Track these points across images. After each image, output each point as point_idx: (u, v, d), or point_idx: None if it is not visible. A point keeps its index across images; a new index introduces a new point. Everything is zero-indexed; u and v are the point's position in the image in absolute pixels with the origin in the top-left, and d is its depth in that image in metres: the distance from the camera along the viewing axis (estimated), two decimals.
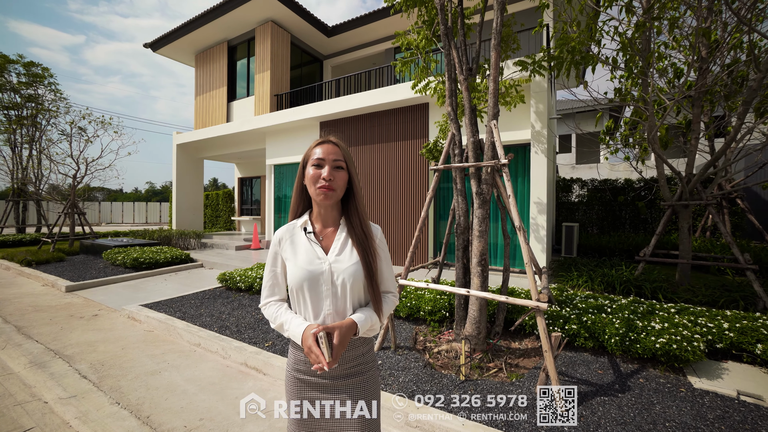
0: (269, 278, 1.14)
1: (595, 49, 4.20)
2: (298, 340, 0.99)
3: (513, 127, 5.69)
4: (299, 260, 1.07)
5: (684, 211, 4.35)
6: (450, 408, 2.15)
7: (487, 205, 2.85)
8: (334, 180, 1.04)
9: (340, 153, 1.07)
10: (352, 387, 1.08)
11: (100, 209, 23.48)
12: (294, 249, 1.10)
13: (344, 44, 10.40)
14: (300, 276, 1.04)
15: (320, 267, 1.05)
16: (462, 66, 3.10)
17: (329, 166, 1.04)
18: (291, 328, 1.02)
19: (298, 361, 1.08)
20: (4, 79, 11.54)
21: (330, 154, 1.05)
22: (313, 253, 1.07)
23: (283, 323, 1.06)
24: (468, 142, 3.02)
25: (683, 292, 4.00)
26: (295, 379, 1.09)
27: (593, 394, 2.29)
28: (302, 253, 1.08)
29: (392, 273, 1.19)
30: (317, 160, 1.05)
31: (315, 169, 1.05)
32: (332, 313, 1.05)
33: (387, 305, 1.13)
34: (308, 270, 1.04)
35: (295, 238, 1.11)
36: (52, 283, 5.75)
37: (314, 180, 1.05)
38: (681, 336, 2.50)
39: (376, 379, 1.14)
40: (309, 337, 0.94)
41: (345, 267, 1.05)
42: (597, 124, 5.12)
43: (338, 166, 1.06)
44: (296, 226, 1.13)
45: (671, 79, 4.87)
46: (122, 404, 2.34)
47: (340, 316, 1.05)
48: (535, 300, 2.34)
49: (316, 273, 1.04)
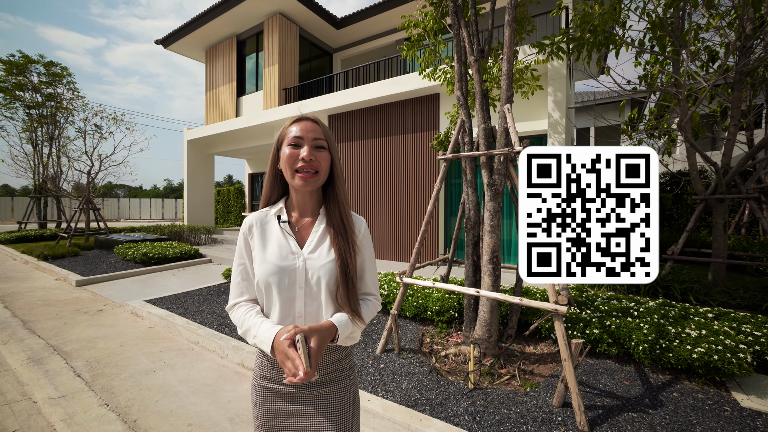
0: (238, 273, 0.97)
1: (619, 32, 3.85)
2: (267, 348, 0.81)
3: (529, 117, 5.37)
4: (269, 253, 0.92)
5: (719, 206, 3.96)
6: (455, 421, 1.94)
7: (499, 198, 2.61)
8: (316, 161, 0.90)
9: (320, 131, 0.92)
10: (325, 398, 0.93)
11: (119, 206, 24.15)
12: (264, 239, 0.95)
13: (354, 36, 10.18)
14: (268, 272, 0.89)
15: (293, 263, 0.91)
16: (473, 47, 2.85)
17: (309, 145, 0.90)
18: (259, 333, 0.85)
19: (264, 366, 0.94)
20: (26, 79, 11.88)
21: (309, 132, 0.91)
22: (287, 246, 0.93)
23: (250, 328, 0.88)
24: (479, 129, 2.77)
25: (718, 295, 3.64)
26: (262, 388, 0.95)
27: (620, 409, 2.04)
28: (273, 246, 0.93)
29: (375, 273, 1.04)
30: (294, 138, 0.90)
31: (292, 149, 0.90)
32: (304, 316, 0.91)
33: (367, 309, 0.97)
34: (279, 266, 0.90)
35: (267, 227, 0.96)
36: (64, 278, 5.81)
37: (291, 162, 0.90)
38: (723, 345, 2.20)
39: (354, 390, 1.00)
40: (283, 342, 0.77)
41: (321, 264, 0.91)
42: (621, 113, 4.75)
43: (319, 146, 0.91)
44: (269, 213, 0.98)
45: (704, 63, 4.46)
46: (111, 406, 2.23)
47: (313, 319, 0.91)
48: (553, 302, 2.10)
49: (288, 269, 0.90)
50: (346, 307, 0.90)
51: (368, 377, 2.46)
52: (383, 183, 7.07)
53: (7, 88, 11.64)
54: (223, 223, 15.81)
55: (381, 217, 7.12)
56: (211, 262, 7.26)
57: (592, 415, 1.98)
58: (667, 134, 5.18)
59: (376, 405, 2.10)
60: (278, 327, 0.83)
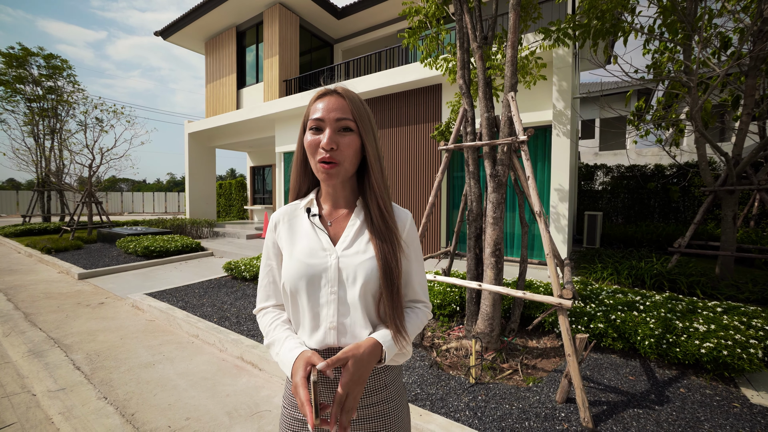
0: (265, 275, 0.85)
1: (628, 18, 3.71)
2: (287, 371, 0.69)
3: (533, 108, 5.25)
4: (297, 250, 0.79)
5: (729, 198, 3.86)
6: (456, 417, 1.91)
7: (502, 189, 2.54)
8: (338, 149, 0.74)
9: (347, 108, 0.75)
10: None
11: (122, 199, 24.26)
12: (292, 235, 0.82)
13: (355, 26, 10.00)
14: (296, 272, 0.76)
15: (324, 261, 0.77)
16: (476, 33, 2.75)
17: (331, 128, 0.74)
18: (282, 353, 0.72)
19: None
20: (26, 72, 11.82)
21: (332, 112, 0.74)
22: (317, 241, 0.79)
23: (274, 342, 0.76)
24: (482, 118, 2.69)
25: (726, 288, 3.57)
26: (292, 419, 0.79)
27: (625, 405, 1.99)
28: (302, 242, 0.80)
29: (424, 276, 0.87)
30: (315, 121, 0.75)
31: (313, 134, 0.75)
32: (336, 326, 0.76)
33: (415, 321, 0.81)
34: (308, 264, 0.76)
35: (296, 221, 0.84)
36: (67, 271, 5.83)
37: (312, 150, 0.76)
38: (733, 340, 2.14)
39: (405, 422, 0.83)
40: (298, 372, 0.65)
41: (359, 262, 0.76)
42: (627, 104, 4.62)
43: (345, 127, 0.75)
44: (298, 207, 0.86)
45: (716, 50, 4.30)
46: (109, 399, 2.22)
47: (348, 331, 0.76)
48: (557, 296, 2.04)
49: (319, 268, 0.76)
50: (390, 320, 0.74)
51: None
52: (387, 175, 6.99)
53: (8, 80, 11.61)
54: (225, 216, 15.83)
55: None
56: (212, 256, 7.26)
57: (596, 411, 1.94)
58: (675, 124, 5.05)
59: None
60: (301, 349, 0.71)
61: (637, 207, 8.21)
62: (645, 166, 8.15)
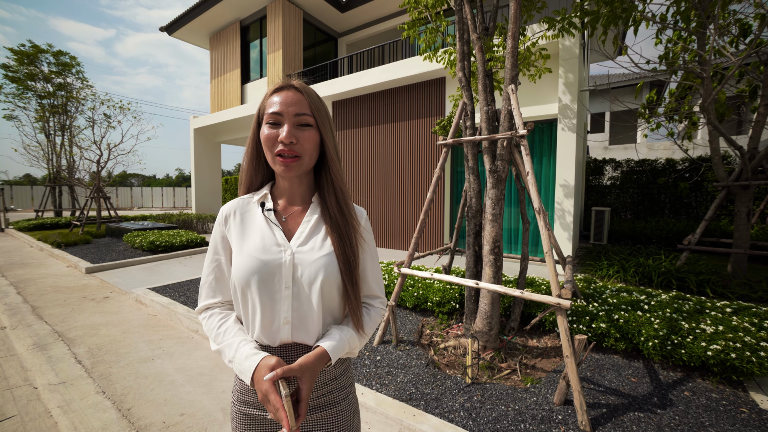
0: (211, 271, 0.82)
1: (639, 5, 3.56)
2: (246, 380, 0.68)
3: (538, 101, 5.12)
4: (249, 245, 0.77)
5: (743, 193, 3.71)
6: (450, 417, 1.88)
7: (502, 185, 2.47)
8: (298, 143, 0.74)
9: (305, 103, 0.75)
10: (322, 425, 0.79)
11: (131, 194, 24.66)
12: (243, 230, 0.80)
13: (359, 20, 9.87)
14: (248, 267, 0.74)
15: (278, 257, 0.75)
16: (476, 24, 2.66)
17: (289, 123, 0.73)
18: (237, 360, 0.71)
19: (245, 390, 0.79)
20: (37, 69, 12.00)
21: (291, 106, 0.74)
22: (271, 237, 0.77)
23: (224, 349, 0.74)
24: (481, 112, 2.61)
25: (737, 287, 3.45)
26: (243, 414, 0.79)
27: (625, 408, 1.93)
28: (254, 237, 0.78)
29: (379, 271, 0.89)
30: (273, 115, 0.74)
31: (270, 128, 0.74)
32: (291, 323, 0.75)
33: (371, 316, 0.83)
34: (261, 260, 0.74)
35: (248, 216, 0.82)
36: (75, 265, 5.94)
37: (270, 144, 0.75)
38: (742, 343, 2.06)
39: (355, 409, 0.85)
40: (265, 382, 0.65)
41: (314, 258, 0.76)
42: (637, 96, 4.46)
43: (304, 123, 0.75)
44: (251, 201, 0.84)
45: (733, 38, 4.11)
46: (107, 393, 2.25)
47: (303, 327, 0.75)
48: (556, 296, 1.98)
49: (272, 265, 0.74)
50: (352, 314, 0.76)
51: (363, 369, 2.40)
52: (390, 171, 6.93)
53: (20, 77, 11.81)
54: None
55: (387, 206, 7.01)
56: None
57: (595, 414, 1.89)
58: (688, 117, 4.86)
59: (370, 399, 2.04)
60: (260, 355, 0.69)
61: (647, 202, 8.00)
62: (656, 161, 7.93)
